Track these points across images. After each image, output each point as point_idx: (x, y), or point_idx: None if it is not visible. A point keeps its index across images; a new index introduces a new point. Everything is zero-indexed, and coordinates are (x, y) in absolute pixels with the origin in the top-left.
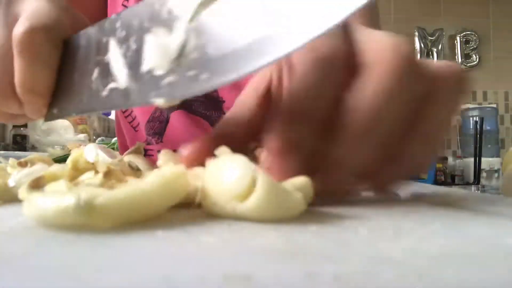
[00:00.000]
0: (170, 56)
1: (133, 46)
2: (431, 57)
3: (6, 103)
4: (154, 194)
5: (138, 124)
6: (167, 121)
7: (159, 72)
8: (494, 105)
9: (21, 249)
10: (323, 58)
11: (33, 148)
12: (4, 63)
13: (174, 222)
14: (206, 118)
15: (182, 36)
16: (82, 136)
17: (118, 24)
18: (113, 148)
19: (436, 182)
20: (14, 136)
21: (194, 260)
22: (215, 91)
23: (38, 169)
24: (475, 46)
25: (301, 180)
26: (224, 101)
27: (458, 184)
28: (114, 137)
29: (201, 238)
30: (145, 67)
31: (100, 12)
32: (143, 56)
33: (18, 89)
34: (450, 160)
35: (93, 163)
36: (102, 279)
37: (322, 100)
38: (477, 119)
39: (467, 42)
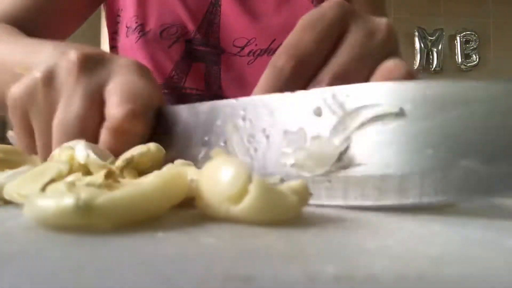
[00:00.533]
0: (321, 160)
1: (263, 137)
2: (431, 57)
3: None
4: (154, 195)
5: None
6: None
7: (301, 172)
8: None
9: (21, 249)
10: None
11: None
12: (85, 133)
13: (174, 223)
14: None
15: (339, 147)
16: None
17: (239, 110)
18: None
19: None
20: None
21: (194, 261)
22: (220, 88)
23: (25, 169)
24: (475, 46)
25: (297, 183)
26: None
27: None
28: None
29: (201, 239)
30: (283, 163)
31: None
32: (280, 151)
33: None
34: None
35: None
36: (102, 280)
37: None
38: None
39: (467, 42)
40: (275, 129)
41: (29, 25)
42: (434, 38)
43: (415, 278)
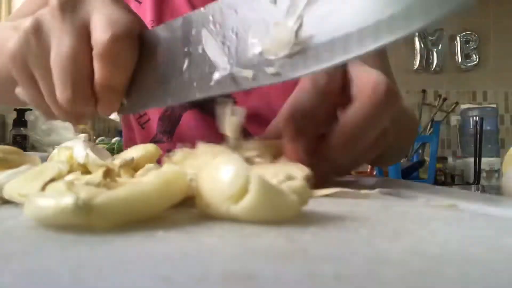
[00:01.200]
0: (282, 42)
1: (232, 36)
2: (431, 57)
3: (83, 102)
4: (153, 194)
5: (147, 121)
6: (178, 120)
7: (269, 56)
8: (494, 105)
9: (20, 249)
10: (320, 89)
11: (33, 148)
12: (81, 70)
13: (174, 222)
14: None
15: (292, 24)
16: (82, 136)
17: (209, 17)
18: (113, 149)
19: (436, 182)
20: (14, 136)
21: (194, 260)
22: None
23: (25, 169)
24: (475, 46)
25: (297, 183)
26: (237, 102)
27: (458, 184)
28: (115, 137)
29: (201, 238)
30: (252, 53)
31: None
32: (247, 44)
33: (97, 87)
34: (450, 160)
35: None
36: (102, 279)
37: (317, 117)
38: (477, 119)
39: (467, 42)
40: (241, 26)
41: None
42: (434, 38)
43: (415, 277)
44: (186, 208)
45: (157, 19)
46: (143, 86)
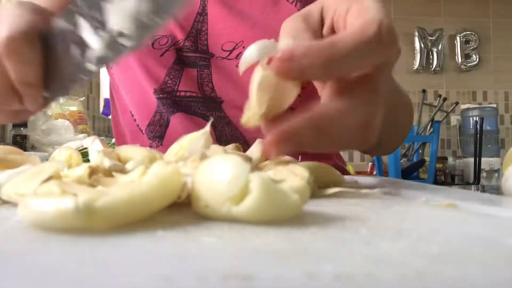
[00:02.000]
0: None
1: (99, 16)
2: (431, 57)
3: (7, 100)
4: (152, 194)
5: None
6: (167, 124)
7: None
8: (494, 105)
9: (20, 249)
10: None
11: (33, 148)
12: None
13: (173, 222)
14: (207, 119)
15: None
16: (82, 136)
17: (79, 2)
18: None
19: (436, 182)
20: (14, 136)
21: (194, 260)
22: (213, 91)
23: (25, 169)
24: (475, 46)
25: (297, 182)
26: (223, 101)
27: (458, 184)
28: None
29: (201, 238)
30: (113, 31)
31: None
32: (109, 23)
33: (15, 85)
34: (450, 160)
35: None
36: (102, 279)
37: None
38: (477, 119)
39: (467, 42)
40: (103, 5)
41: None
42: (434, 38)
43: (415, 277)
44: (184, 208)
45: None
46: (55, 76)
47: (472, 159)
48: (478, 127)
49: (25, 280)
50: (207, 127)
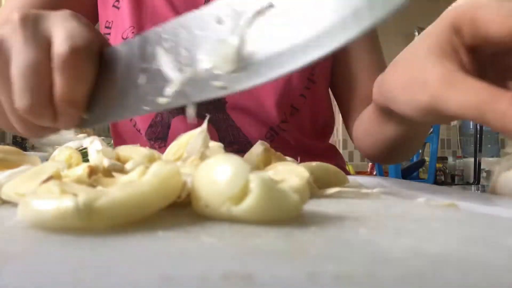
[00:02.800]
0: (228, 59)
1: (184, 53)
2: None
3: (42, 115)
4: (151, 193)
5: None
6: (169, 125)
7: (216, 71)
8: None
9: (20, 249)
10: None
11: (33, 148)
12: (41, 79)
13: (174, 222)
14: (209, 120)
15: (236, 41)
16: (82, 136)
17: (163, 35)
18: None
19: (436, 182)
20: (14, 136)
21: (194, 260)
22: None
23: (23, 170)
24: None
25: (297, 182)
26: (227, 102)
27: (458, 184)
28: None
29: (201, 238)
30: (201, 69)
31: (90, 13)
32: (197, 60)
33: (57, 101)
34: (450, 160)
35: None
36: (102, 279)
37: None
38: None
39: None
40: (191, 43)
41: None
42: None
43: (415, 277)
44: (184, 207)
45: (137, 24)
46: (102, 100)
47: (472, 159)
48: (478, 127)
49: (25, 280)
50: (204, 125)
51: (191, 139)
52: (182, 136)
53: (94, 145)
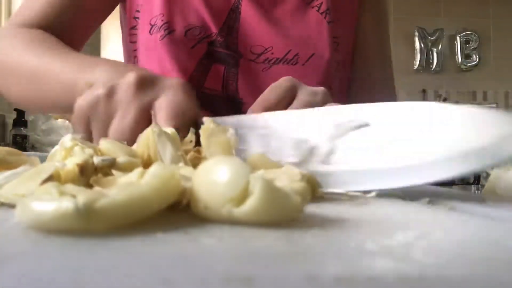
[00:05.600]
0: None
1: (273, 143)
2: (431, 57)
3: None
4: (151, 195)
5: None
6: None
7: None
8: (494, 105)
9: (19, 251)
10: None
11: (33, 148)
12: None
13: (173, 223)
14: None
15: (328, 146)
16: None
17: (259, 123)
18: None
19: (436, 182)
20: (14, 136)
21: (194, 262)
22: (237, 91)
23: (22, 170)
24: (475, 46)
25: (298, 184)
26: (244, 103)
27: (458, 184)
28: None
29: (201, 239)
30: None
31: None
32: (285, 154)
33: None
34: None
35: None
36: (101, 282)
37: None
38: None
39: (467, 42)
40: (282, 139)
41: (56, 28)
42: (434, 38)
43: (416, 278)
44: (184, 209)
45: (167, 12)
46: None
47: None
48: None
49: (23, 283)
50: (153, 125)
51: (157, 147)
52: (141, 138)
53: (64, 141)
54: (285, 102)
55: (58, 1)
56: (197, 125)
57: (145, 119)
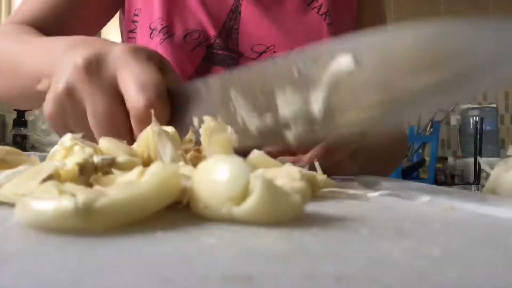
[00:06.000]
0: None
1: (261, 97)
2: None
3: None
4: (151, 194)
5: None
6: None
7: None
8: (494, 105)
9: (18, 250)
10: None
11: (33, 148)
12: (118, 124)
13: (173, 222)
14: None
15: (322, 92)
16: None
17: (242, 79)
18: None
19: (436, 182)
20: (14, 136)
21: (194, 261)
22: None
23: (21, 170)
24: None
25: (298, 183)
26: None
27: (458, 184)
28: None
29: (201, 238)
30: (276, 116)
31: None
32: (274, 106)
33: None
34: (450, 160)
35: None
36: (101, 281)
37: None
38: (477, 119)
39: None
40: (270, 90)
41: (50, 29)
42: None
43: (417, 279)
44: (184, 208)
45: (166, 16)
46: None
47: (472, 159)
48: (478, 127)
49: (23, 282)
50: (153, 124)
51: (157, 147)
52: (141, 137)
53: (64, 141)
54: None
55: (55, 3)
56: (169, 91)
57: (115, 100)
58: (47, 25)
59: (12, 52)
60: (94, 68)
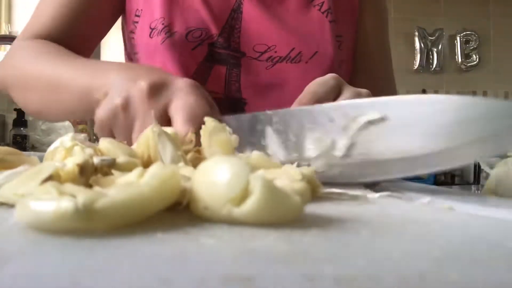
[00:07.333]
0: (331, 153)
1: (293, 138)
2: (431, 57)
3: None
4: (151, 195)
5: None
6: None
7: (316, 161)
8: None
9: (18, 251)
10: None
11: (33, 148)
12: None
13: (172, 223)
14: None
15: (347, 141)
16: (82, 135)
17: (275, 119)
18: None
19: (436, 182)
20: (14, 136)
21: (194, 262)
22: (239, 91)
23: (21, 170)
24: (475, 46)
25: (298, 184)
26: (246, 103)
27: (458, 184)
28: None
29: (201, 239)
30: (302, 154)
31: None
32: (303, 146)
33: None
34: None
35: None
36: (101, 281)
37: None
38: None
39: (467, 42)
40: (300, 131)
41: (64, 39)
42: (434, 38)
43: (417, 279)
44: (184, 209)
45: (167, 16)
46: None
47: None
48: None
49: (23, 283)
50: (153, 124)
51: (158, 148)
52: (141, 137)
53: (64, 141)
54: (330, 98)
55: (65, 13)
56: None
57: (163, 122)
58: (61, 35)
59: (54, 70)
60: (155, 93)
